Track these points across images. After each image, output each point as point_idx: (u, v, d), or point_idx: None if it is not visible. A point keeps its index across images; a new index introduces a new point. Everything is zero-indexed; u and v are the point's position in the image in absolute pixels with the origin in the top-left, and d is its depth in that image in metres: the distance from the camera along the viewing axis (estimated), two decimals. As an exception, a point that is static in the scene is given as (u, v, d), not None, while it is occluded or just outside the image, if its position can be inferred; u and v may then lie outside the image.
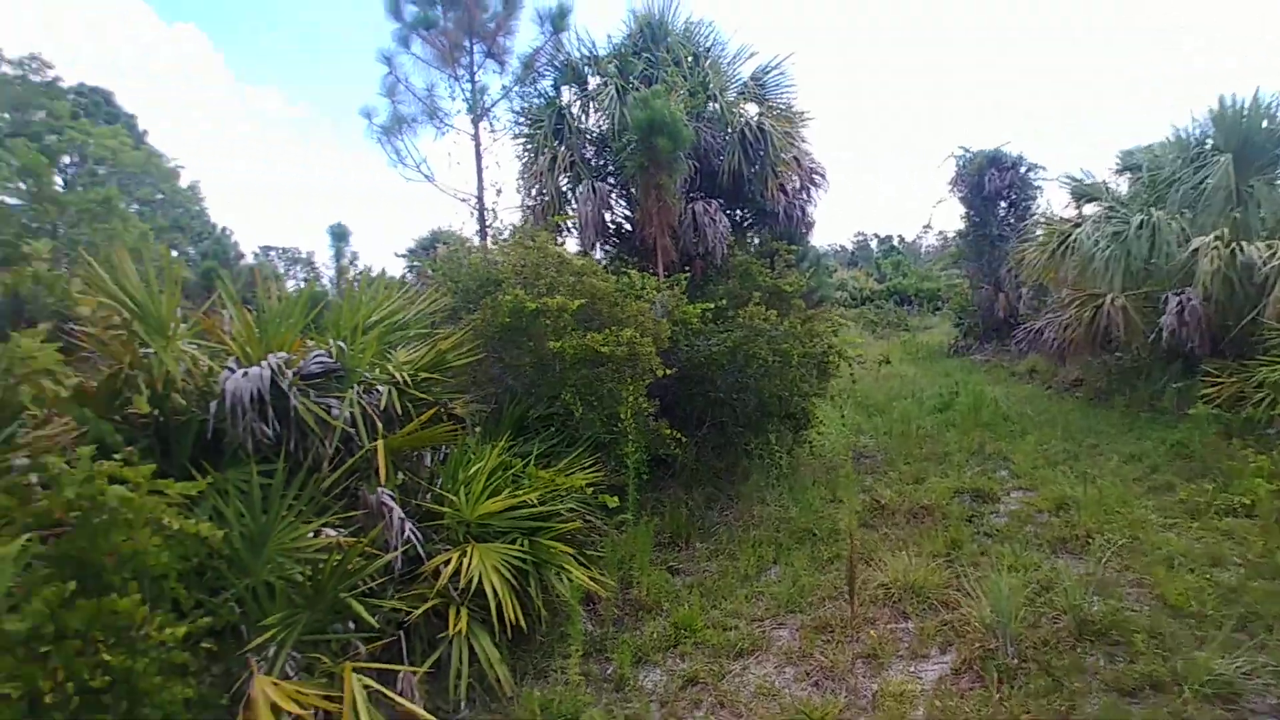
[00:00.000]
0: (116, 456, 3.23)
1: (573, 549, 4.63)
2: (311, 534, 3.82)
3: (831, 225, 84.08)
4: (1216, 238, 9.12)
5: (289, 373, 4.13)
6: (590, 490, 4.95)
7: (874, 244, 51.06)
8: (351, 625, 3.77)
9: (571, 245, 9.99)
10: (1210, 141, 10.84)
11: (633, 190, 9.51)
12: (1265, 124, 10.17)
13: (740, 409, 7.22)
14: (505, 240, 7.53)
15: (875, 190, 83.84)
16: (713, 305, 7.28)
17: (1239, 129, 10.33)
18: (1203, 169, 10.51)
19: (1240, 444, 7.04)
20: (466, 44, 10.85)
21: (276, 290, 5.68)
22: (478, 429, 5.09)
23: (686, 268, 9.29)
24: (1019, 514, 6.29)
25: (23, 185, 12.32)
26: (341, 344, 4.45)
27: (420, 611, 3.78)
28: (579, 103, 10.98)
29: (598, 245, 10.28)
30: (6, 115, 14.33)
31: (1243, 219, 9.80)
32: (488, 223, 11.36)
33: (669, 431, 5.97)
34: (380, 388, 4.63)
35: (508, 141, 11.28)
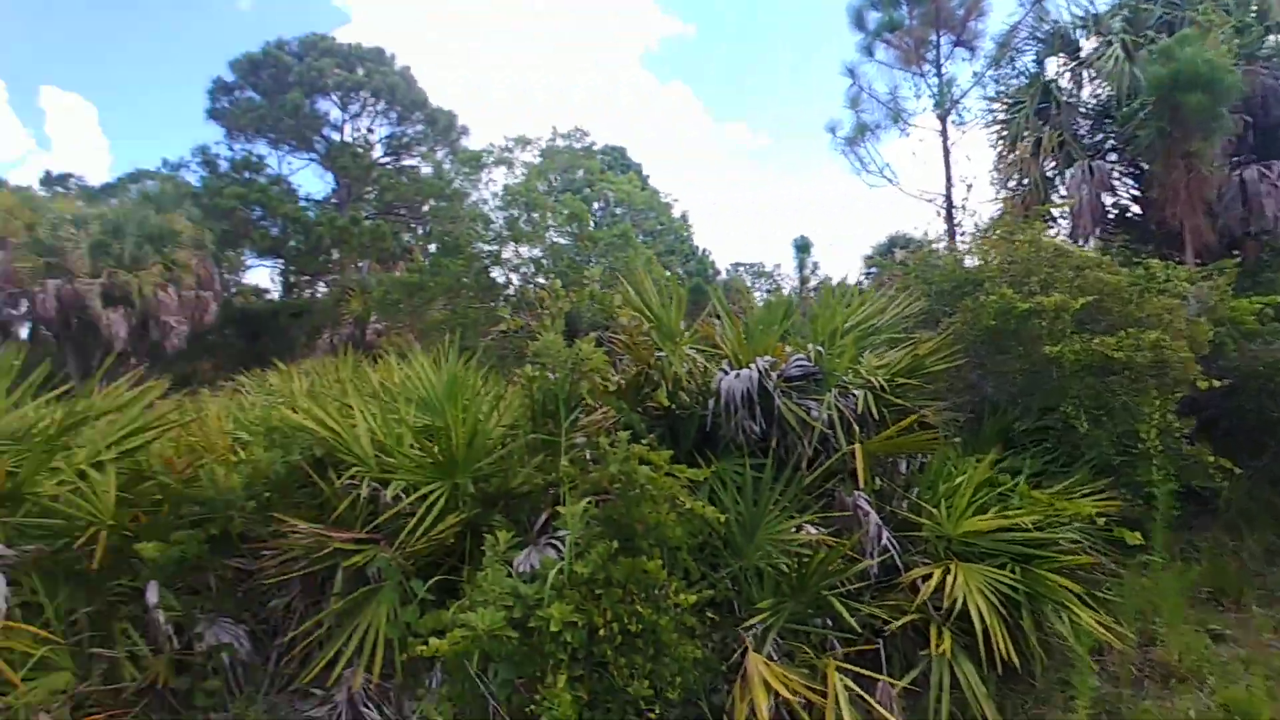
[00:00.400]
0: (643, 442, 3.90)
1: (1078, 587, 3.93)
2: (795, 529, 4.02)
3: None
4: None
5: (773, 375, 4.44)
6: (1102, 520, 4.15)
7: None
8: (829, 623, 3.86)
9: (1061, 238, 8.69)
10: None
11: (1145, 165, 7.80)
12: None
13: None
14: (982, 235, 6.88)
15: None
16: (1278, 300, 5.48)
17: None
18: None
19: None
20: (933, 38, 10.37)
21: (746, 302, 6.21)
22: (956, 439, 4.72)
23: (1235, 251, 7.25)
24: None
25: (570, 229, 16.09)
26: (820, 348, 4.61)
27: (900, 623, 3.66)
28: (1068, 74, 9.52)
29: (1094, 234, 8.72)
30: (557, 176, 19.00)
31: None
32: (956, 220, 10.71)
33: (1211, 459, 4.66)
34: (856, 391, 4.66)
35: (978, 132, 10.45)
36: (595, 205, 20.09)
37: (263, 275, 23.80)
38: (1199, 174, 6.96)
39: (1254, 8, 7.90)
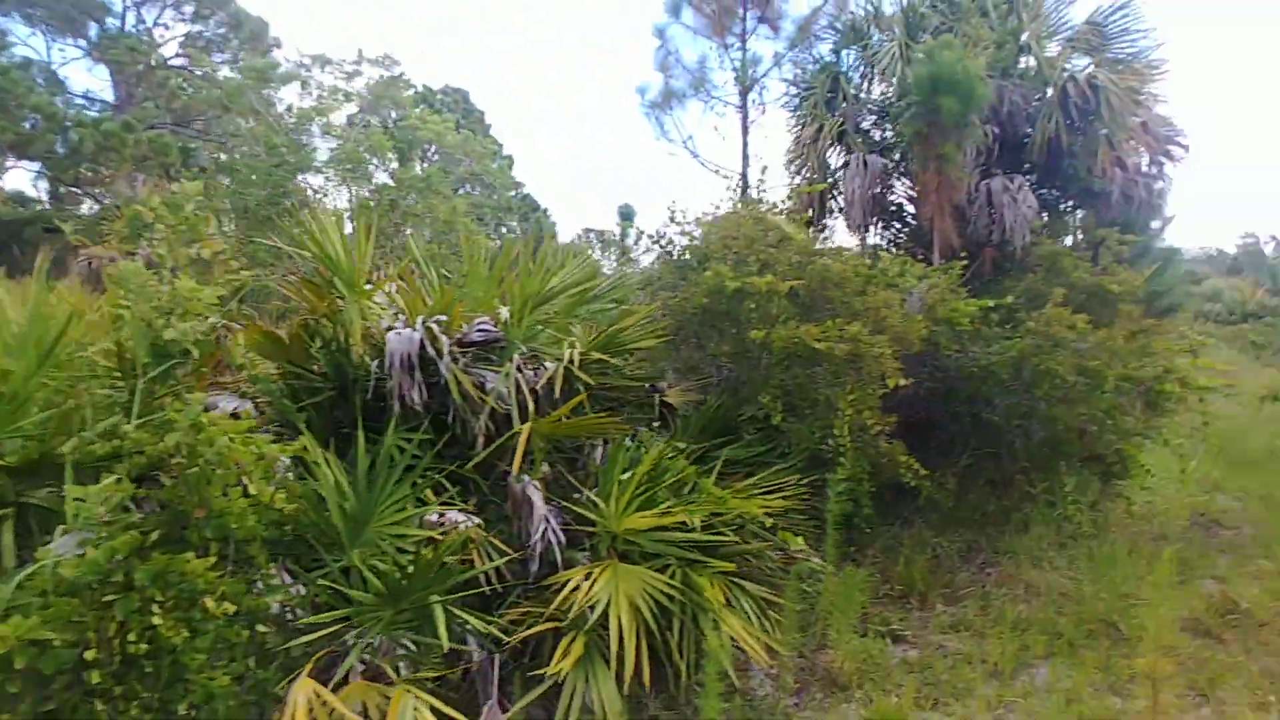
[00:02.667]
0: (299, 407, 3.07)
1: (760, 590, 3.65)
2: (436, 516, 3.39)
3: (1205, 224, 68.09)
4: None
5: (444, 337, 3.75)
6: (796, 516, 3.89)
7: (1269, 248, 40.22)
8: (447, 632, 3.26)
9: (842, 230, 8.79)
10: None
11: (912, 164, 7.96)
12: None
13: (1022, 441, 5.48)
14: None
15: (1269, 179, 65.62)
16: (992, 304, 5.60)
17: None
18: None
19: None
20: (740, 10, 10.12)
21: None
22: (656, 424, 4.32)
23: (965, 255, 7.54)
24: None
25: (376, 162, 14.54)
26: (504, 310, 3.98)
27: (523, 635, 3.13)
28: (861, 68, 9.62)
29: (871, 229, 8.89)
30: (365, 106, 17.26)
31: None
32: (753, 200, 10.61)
33: (905, 457, 4.60)
34: (549, 364, 4.10)
35: (780, 114, 10.37)
36: (427, 148, 18.48)
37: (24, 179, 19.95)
38: (947, 178, 7.14)
39: (1013, 27, 8.27)
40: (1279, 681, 3.76)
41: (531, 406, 3.76)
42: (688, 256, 5.24)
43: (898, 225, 9.08)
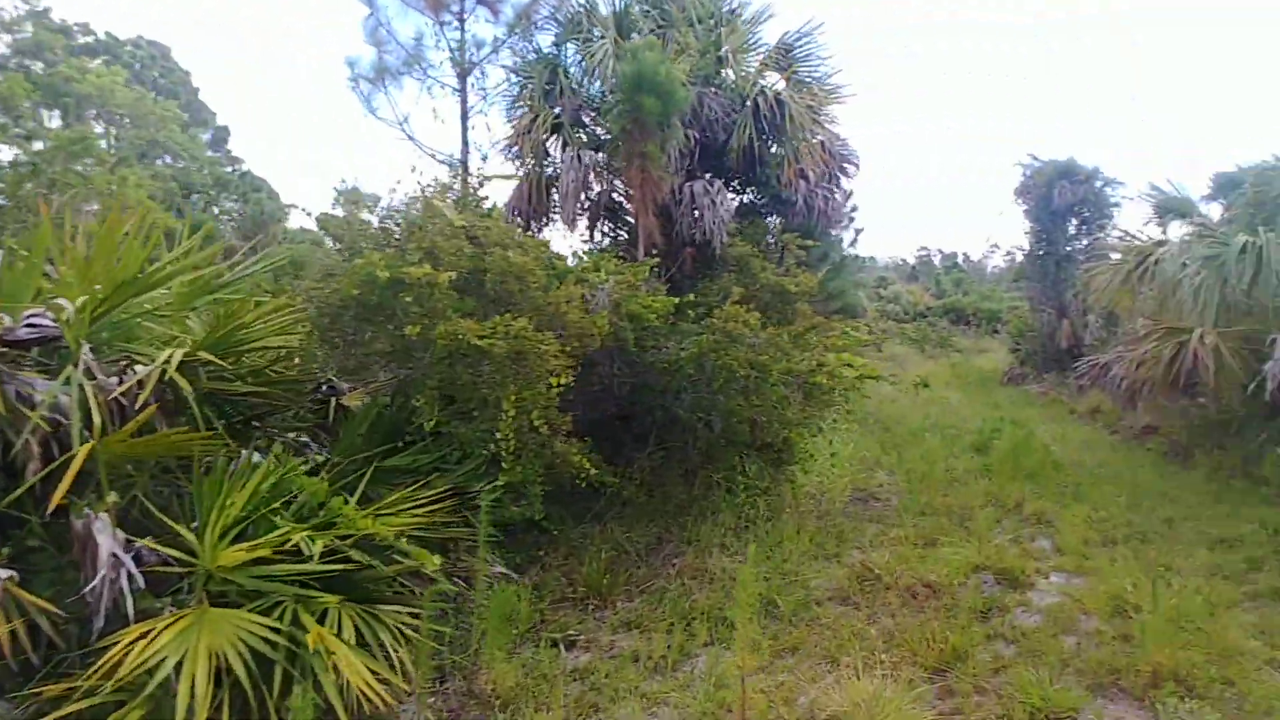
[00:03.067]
0: None
1: (397, 618, 3.21)
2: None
3: (893, 238, 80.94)
4: (1349, 267, 7.16)
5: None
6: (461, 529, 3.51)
7: (937, 259, 48.52)
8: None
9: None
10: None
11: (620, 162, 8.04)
12: None
13: (705, 432, 5.70)
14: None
15: (943, 204, 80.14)
16: (677, 301, 5.75)
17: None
18: (1331, 184, 8.49)
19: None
20: (457, -14, 9.56)
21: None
22: (273, 433, 3.71)
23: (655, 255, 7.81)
24: (1057, 613, 4.59)
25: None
26: (65, 301, 3.11)
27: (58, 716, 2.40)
28: (581, 62, 9.57)
29: (594, 227, 8.87)
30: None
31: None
32: (472, 190, 10.08)
33: (579, 457, 4.48)
34: (139, 368, 3.30)
35: (502, 102, 9.96)
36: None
37: None
38: (650, 176, 7.30)
39: (714, 39, 8.76)
40: (893, 641, 4.21)
41: (99, 421, 2.96)
42: (341, 245, 4.65)
43: (613, 224, 9.19)
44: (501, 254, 4.58)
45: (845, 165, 9.85)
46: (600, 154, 8.77)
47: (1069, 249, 17.20)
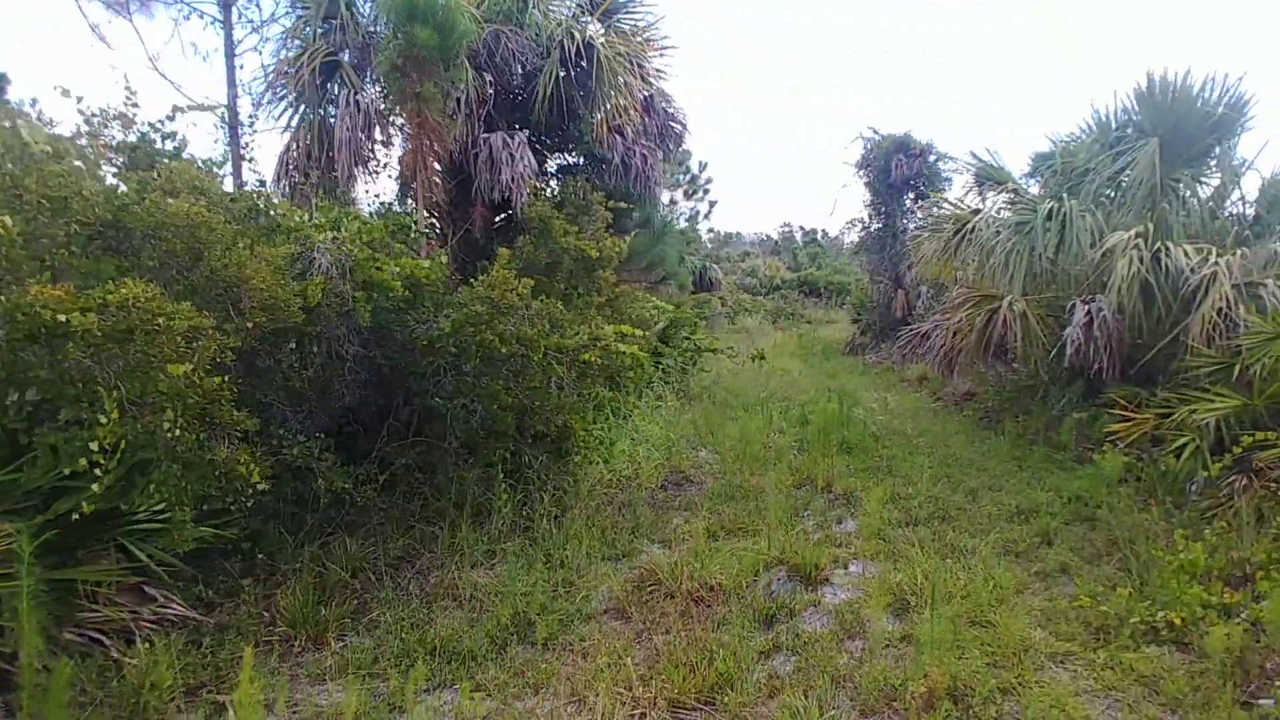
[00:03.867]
0: None
1: None
2: None
3: (760, 214, 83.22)
4: (1137, 235, 7.29)
5: None
6: None
7: (799, 235, 49.93)
8: None
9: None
10: (1134, 126, 9.09)
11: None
12: (1200, 105, 8.44)
13: (468, 422, 4.81)
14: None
15: (813, 181, 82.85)
16: (429, 264, 4.80)
17: (1168, 111, 8.57)
18: (1124, 155, 8.73)
19: (1159, 510, 5.15)
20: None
21: None
22: None
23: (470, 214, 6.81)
24: (845, 614, 4.11)
25: None
26: None
27: None
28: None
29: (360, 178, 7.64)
30: None
31: (1164, 217, 8.06)
32: (244, 141, 8.56)
33: (245, 465, 3.45)
34: None
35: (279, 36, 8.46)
36: None
37: None
38: (428, 121, 6.24)
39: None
40: (656, 667, 3.56)
41: None
42: None
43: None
44: (156, 200, 3.43)
45: (671, 124, 9.17)
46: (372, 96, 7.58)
47: (906, 222, 17.68)
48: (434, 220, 5.95)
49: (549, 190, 7.46)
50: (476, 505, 5.18)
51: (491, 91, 7.14)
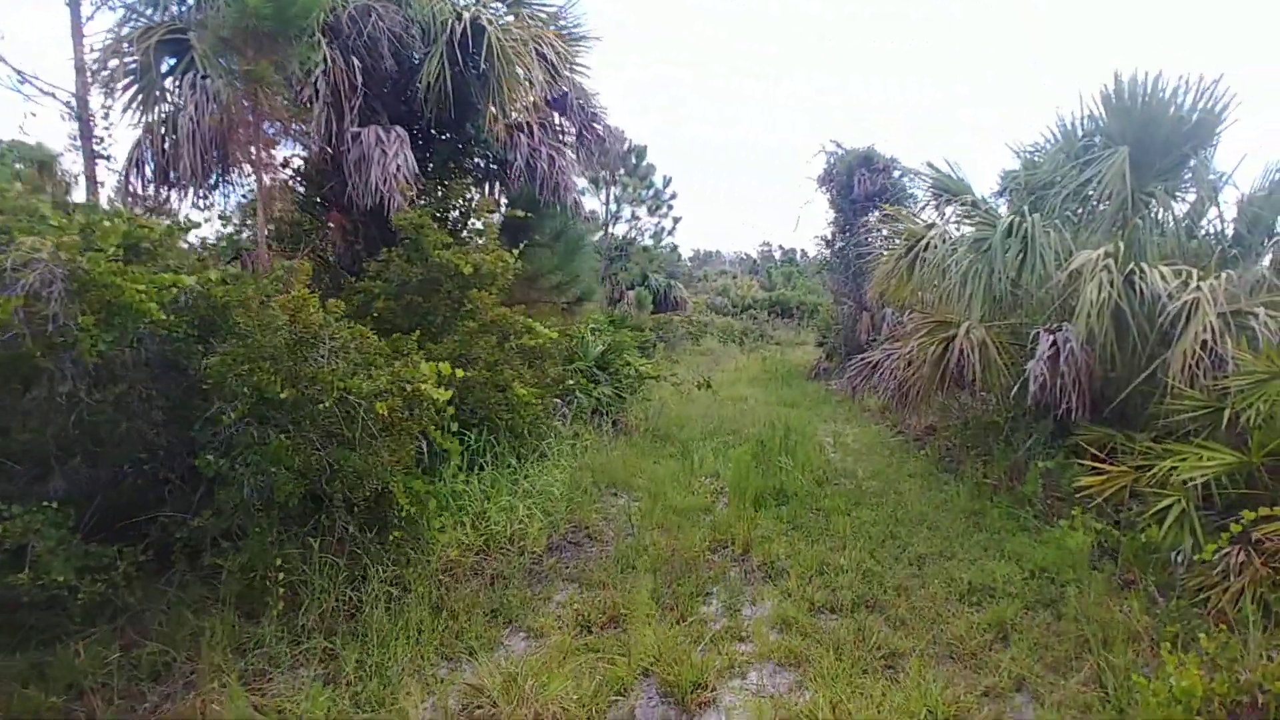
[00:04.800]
0: None
1: None
2: None
3: (740, 233, 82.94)
4: (1107, 254, 6.35)
5: None
6: None
7: (778, 254, 49.38)
8: None
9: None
10: (1101, 134, 8.22)
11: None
12: (1173, 111, 7.58)
13: (255, 486, 3.67)
14: None
15: (785, 202, 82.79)
16: (217, 276, 3.68)
17: (1138, 117, 7.69)
18: (1091, 165, 7.85)
19: (1139, 598, 4.14)
20: None
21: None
22: None
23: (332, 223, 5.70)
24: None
25: None
26: None
27: None
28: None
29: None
30: None
31: (1136, 235, 7.17)
32: (95, 129, 7.37)
33: None
34: None
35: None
36: None
37: None
38: (266, 107, 5.15)
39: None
40: None
41: None
42: None
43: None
44: None
45: (594, 125, 8.15)
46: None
47: (870, 240, 16.86)
48: (274, 226, 4.82)
49: (438, 194, 6.37)
50: (293, 586, 4.02)
51: (361, 80, 6.05)
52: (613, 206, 22.78)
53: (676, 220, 23.63)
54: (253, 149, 5.06)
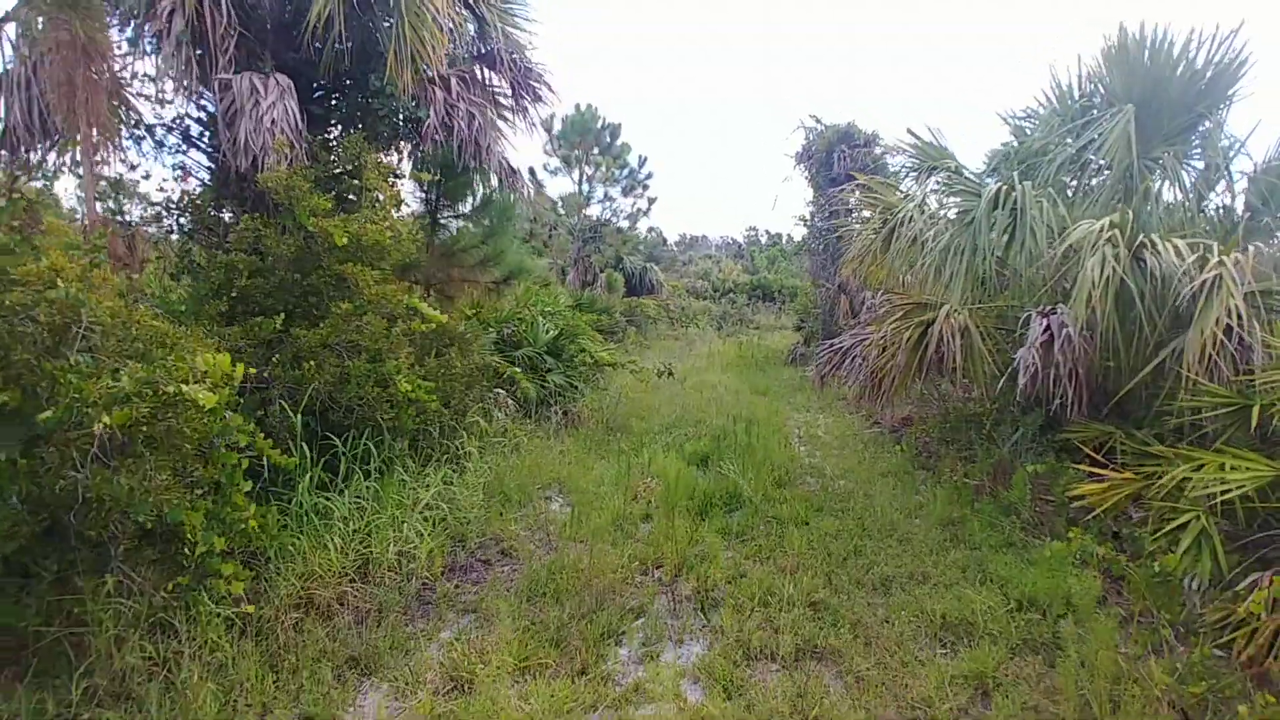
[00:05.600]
0: None
1: None
2: None
3: (730, 219, 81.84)
4: (1112, 225, 5.47)
5: None
6: None
7: (764, 239, 48.45)
8: None
9: None
10: (1103, 94, 7.33)
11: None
12: (1182, 68, 6.70)
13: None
14: None
15: (771, 187, 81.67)
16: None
17: (1144, 72, 6.82)
18: (1091, 127, 6.98)
19: (1146, 639, 3.31)
20: None
21: None
22: None
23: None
24: None
25: None
26: None
27: None
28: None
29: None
30: None
31: (1142, 206, 6.32)
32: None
33: None
34: None
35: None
36: None
37: None
38: (87, 42, 4.17)
39: None
40: None
41: None
42: None
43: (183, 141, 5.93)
44: None
45: (531, 84, 7.19)
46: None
47: (851, 220, 15.98)
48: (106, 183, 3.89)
49: (331, 158, 5.41)
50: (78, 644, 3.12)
51: (234, 18, 5.06)
52: (585, 187, 21.74)
53: (652, 201, 22.60)
54: (80, 95, 4.10)
